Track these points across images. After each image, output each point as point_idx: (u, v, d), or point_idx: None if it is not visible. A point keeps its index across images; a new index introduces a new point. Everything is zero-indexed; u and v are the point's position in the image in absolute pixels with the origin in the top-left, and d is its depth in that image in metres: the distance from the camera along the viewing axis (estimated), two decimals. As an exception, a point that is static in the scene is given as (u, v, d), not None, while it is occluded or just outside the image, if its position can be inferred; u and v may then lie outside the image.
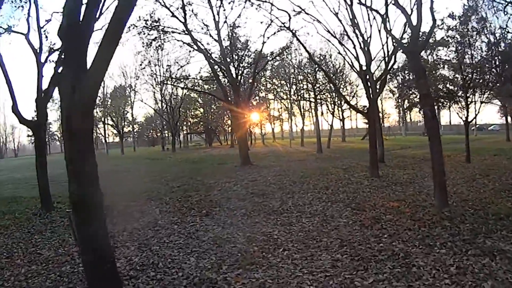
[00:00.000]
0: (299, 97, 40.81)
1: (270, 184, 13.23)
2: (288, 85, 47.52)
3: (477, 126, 61.30)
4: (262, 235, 7.03)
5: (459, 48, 20.48)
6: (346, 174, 15.05)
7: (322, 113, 35.15)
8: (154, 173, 20.16)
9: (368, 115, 14.30)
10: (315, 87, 30.33)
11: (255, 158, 26.25)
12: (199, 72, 24.03)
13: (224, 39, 22.37)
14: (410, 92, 24.71)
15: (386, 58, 14.25)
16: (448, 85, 22.73)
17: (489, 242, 5.83)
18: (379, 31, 15.28)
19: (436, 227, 6.92)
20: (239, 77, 22.90)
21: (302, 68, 35.64)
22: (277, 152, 33.71)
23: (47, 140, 77.36)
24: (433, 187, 11.01)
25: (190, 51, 23.07)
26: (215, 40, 21.73)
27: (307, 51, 15.83)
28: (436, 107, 27.12)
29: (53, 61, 11.75)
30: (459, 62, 19.88)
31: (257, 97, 52.97)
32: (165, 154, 42.93)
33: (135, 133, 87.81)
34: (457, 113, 19.19)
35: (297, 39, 16.03)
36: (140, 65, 22.14)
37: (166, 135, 74.02)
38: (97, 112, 62.59)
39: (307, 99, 37.31)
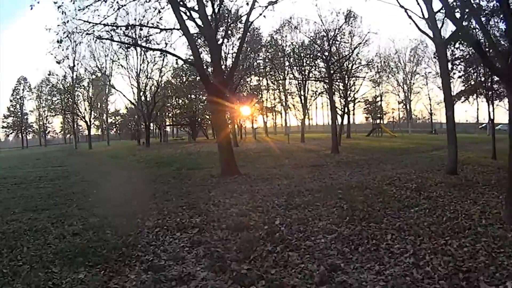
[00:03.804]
0: (307, 77, 32.40)
1: (287, 252, 4.96)
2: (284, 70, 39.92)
3: (483, 125, 54.64)
4: None
5: None
6: (458, 214, 6.92)
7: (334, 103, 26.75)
8: (72, 191, 11.88)
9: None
10: (330, 64, 22.05)
11: (245, 159, 18.09)
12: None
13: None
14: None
15: None
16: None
17: None
18: None
19: None
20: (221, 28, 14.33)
21: (314, 40, 27.31)
22: (273, 150, 25.40)
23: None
24: None
25: None
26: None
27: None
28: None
29: None
30: None
31: (247, 85, 44.83)
32: (135, 151, 34.62)
33: (117, 125, 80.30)
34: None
35: None
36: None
37: (152, 127, 67.01)
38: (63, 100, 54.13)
39: (320, 79, 28.88)
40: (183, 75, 46.65)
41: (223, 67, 26.34)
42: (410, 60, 58.05)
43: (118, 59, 43.04)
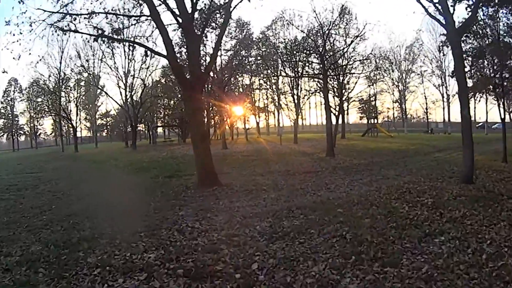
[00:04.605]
0: (299, 74, 30.60)
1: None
2: (277, 69, 38.22)
3: (480, 124, 53.41)
4: None
5: None
6: None
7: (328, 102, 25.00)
8: (31, 206, 10.13)
9: None
10: (325, 60, 20.31)
11: (232, 164, 16.49)
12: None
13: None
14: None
15: None
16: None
17: None
18: None
19: None
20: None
21: (308, 35, 25.56)
22: (264, 152, 23.68)
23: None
24: None
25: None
26: None
27: None
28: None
29: None
30: None
31: (239, 84, 43.11)
32: (119, 154, 32.72)
33: (108, 127, 78.36)
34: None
35: None
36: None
37: (143, 129, 65.25)
38: (48, 101, 52.03)
39: (314, 76, 27.12)
40: (170, 74, 44.75)
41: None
42: (406, 58, 56.72)
43: (105, 57, 41.23)
